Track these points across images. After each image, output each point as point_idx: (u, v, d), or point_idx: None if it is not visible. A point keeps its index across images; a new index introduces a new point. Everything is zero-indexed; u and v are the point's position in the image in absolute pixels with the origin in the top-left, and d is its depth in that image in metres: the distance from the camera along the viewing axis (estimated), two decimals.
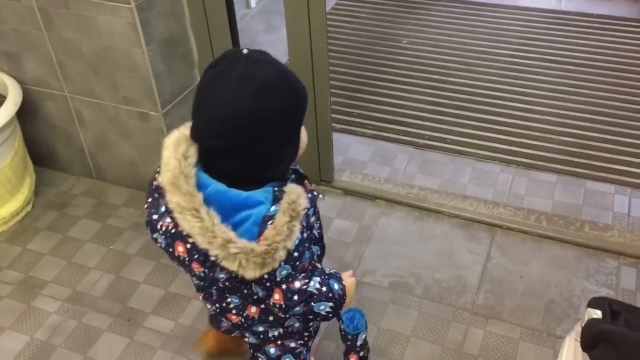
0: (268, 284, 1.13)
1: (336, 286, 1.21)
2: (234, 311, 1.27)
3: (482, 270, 1.90)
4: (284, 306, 1.16)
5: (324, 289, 1.19)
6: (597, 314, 1.14)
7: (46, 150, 2.34)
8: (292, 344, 1.38)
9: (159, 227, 1.12)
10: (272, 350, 1.38)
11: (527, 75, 2.74)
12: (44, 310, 1.87)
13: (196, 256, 1.08)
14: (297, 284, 1.15)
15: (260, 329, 1.31)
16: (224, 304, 1.26)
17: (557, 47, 2.91)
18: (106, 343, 1.77)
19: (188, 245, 1.08)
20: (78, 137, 2.23)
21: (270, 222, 1.06)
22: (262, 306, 1.25)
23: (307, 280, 1.16)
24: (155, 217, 1.12)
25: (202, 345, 1.62)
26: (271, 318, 1.28)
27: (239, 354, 1.62)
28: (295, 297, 1.15)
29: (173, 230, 1.09)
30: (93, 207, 2.22)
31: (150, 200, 1.15)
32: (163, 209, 1.10)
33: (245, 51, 1.06)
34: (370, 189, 2.21)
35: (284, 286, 1.14)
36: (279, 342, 1.36)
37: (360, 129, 2.53)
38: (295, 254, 1.11)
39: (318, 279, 1.18)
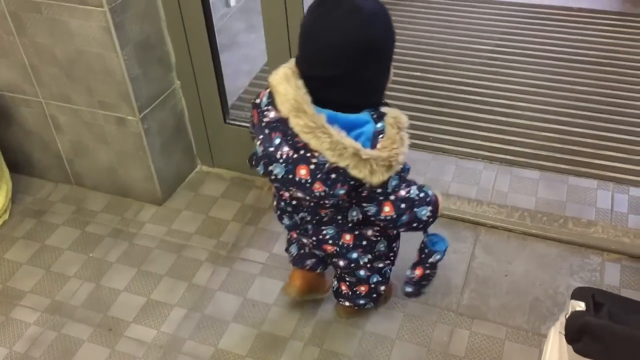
0: (380, 198, 1.31)
1: (430, 192, 1.41)
2: (330, 241, 1.45)
3: (467, 270, 1.89)
4: (395, 216, 1.34)
5: (422, 194, 1.38)
6: (581, 306, 1.14)
7: (22, 157, 2.30)
8: (380, 265, 1.58)
9: (278, 156, 1.26)
10: (362, 273, 1.57)
11: (508, 70, 2.73)
12: (23, 321, 1.83)
13: (319, 175, 1.23)
14: (402, 192, 1.33)
15: (354, 255, 1.48)
16: (320, 236, 1.44)
17: (538, 41, 2.91)
18: (87, 354, 1.73)
19: (311, 167, 1.23)
20: (55, 143, 2.19)
21: (380, 136, 1.23)
22: (356, 233, 1.44)
23: (408, 189, 1.35)
24: (271, 149, 1.27)
25: (291, 287, 1.74)
26: (364, 243, 1.46)
27: (325, 292, 1.80)
28: (403, 205, 1.34)
29: (295, 156, 1.24)
30: (72, 214, 2.18)
31: (262, 137, 1.29)
32: (278, 140, 1.25)
33: None
34: None
35: (392, 197, 1.31)
36: (368, 265, 1.54)
37: None
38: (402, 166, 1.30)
39: (415, 186, 1.37)
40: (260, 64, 2.83)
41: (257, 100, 1.36)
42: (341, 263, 1.52)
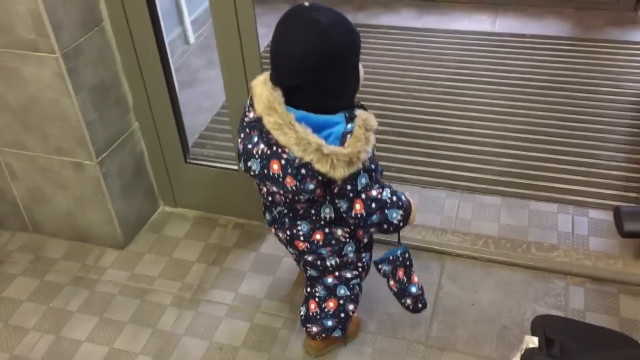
0: (351, 195, 1.38)
1: (403, 197, 1.47)
2: (302, 238, 1.53)
3: (434, 301, 1.89)
4: (364, 214, 1.40)
5: (394, 198, 1.45)
6: (534, 342, 1.15)
7: None
8: (348, 275, 1.63)
9: (254, 152, 1.38)
10: (330, 280, 1.63)
11: (466, 98, 2.78)
12: None
13: (289, 170, 1.33)
14: (374, 192, 1.40)
15: (323, 251, 1.54)
16: (295, 231, 1.52)
17: (494, 68, 2.97)
18: None
19: (282, 162, 1.33)
20: (11, 191, 2.13)
21: (348, 135, 1.32)
22: (327, 231, 1.50)
23: (381, 190, 1.42)
24: (249, 146, 1.39)
25: (308, 345, 1.78)
26: (333, 242, 1.53)
27: (346, 340, 1.81)
28: (373, 205, 1.40)
29: (268, 152, 1.35)
30: (30, 263, 2.12)
31: (242, 135, 1.42)
32: (256, 139, 1.38)
33: (306, 4, 1.31)
34: None
35: (363, 195, 1.38)
36: (336, 273, 1.61)
37: None
38: (372, 165, 1.37)
39: (389, 189, 1.44)
40: (222, 100, 2.82)
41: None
42: (310, 258, 1.57)
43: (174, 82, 2.10)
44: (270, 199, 1.53)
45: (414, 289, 1.64)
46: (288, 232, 1.54)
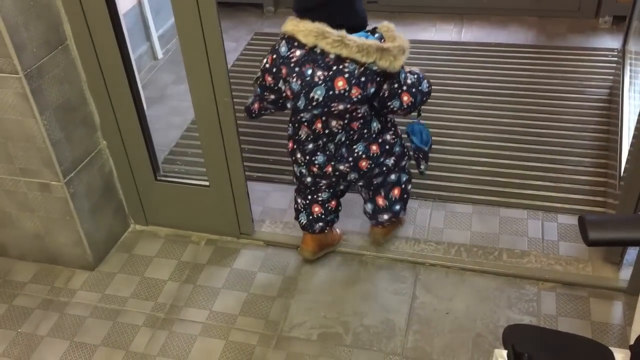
0: (399, 90, 1.67)
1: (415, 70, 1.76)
2: (363, 156, 1.77)
3: (409, 311, 1.89)
4: (412, 100, 1.71)
5: (415, 75, 1.73)
6: (503, 356, 1.16)
7: None
8: (403, 163, 1.91)
9: (316, 79, 1.59)
10: (393, 177, 1.91)
11: (435, 107, 2.80)
12: None
13: (354, 81, 1.58)
14: (408, 80, 1.69)
15: (382, 159, 1.81)
16: (355, 154, 1.76)
17: (461, 77, 3.01)
18: None
19: (346, 76, 1.57)
20: None
21: (382, 40, 1.60)
22: (380, 141, 1.78)
23: (409, 76, 1.70)
24: (308, 78, 1.60)
25: (305, 250, 2.03)
26: (387, 147, 1.81)
27: (334, 245, 2.08)
28: (413, 90, 1.70)
29: (330, 73, 1.57)
30: None
31: (295, 75, 1.61)
32: (310, 70, 1.59)
33: None
34: (292, 238, 2.17)
35: (405, 87, 1.67)
36: (395, 168, 1.88)
37: (277, 175, 2.50)
38: None
39: (406, 72, 1.70)
40: (191, 115, 2.79)
41: (277, 47, 1.68)
42: (377, 170, 1.82)
43: (141, 99, 2.08)
44: (327, 132, 1.72)
45: (422, 167, 1.94)
46: (350, 159, 1.76)
